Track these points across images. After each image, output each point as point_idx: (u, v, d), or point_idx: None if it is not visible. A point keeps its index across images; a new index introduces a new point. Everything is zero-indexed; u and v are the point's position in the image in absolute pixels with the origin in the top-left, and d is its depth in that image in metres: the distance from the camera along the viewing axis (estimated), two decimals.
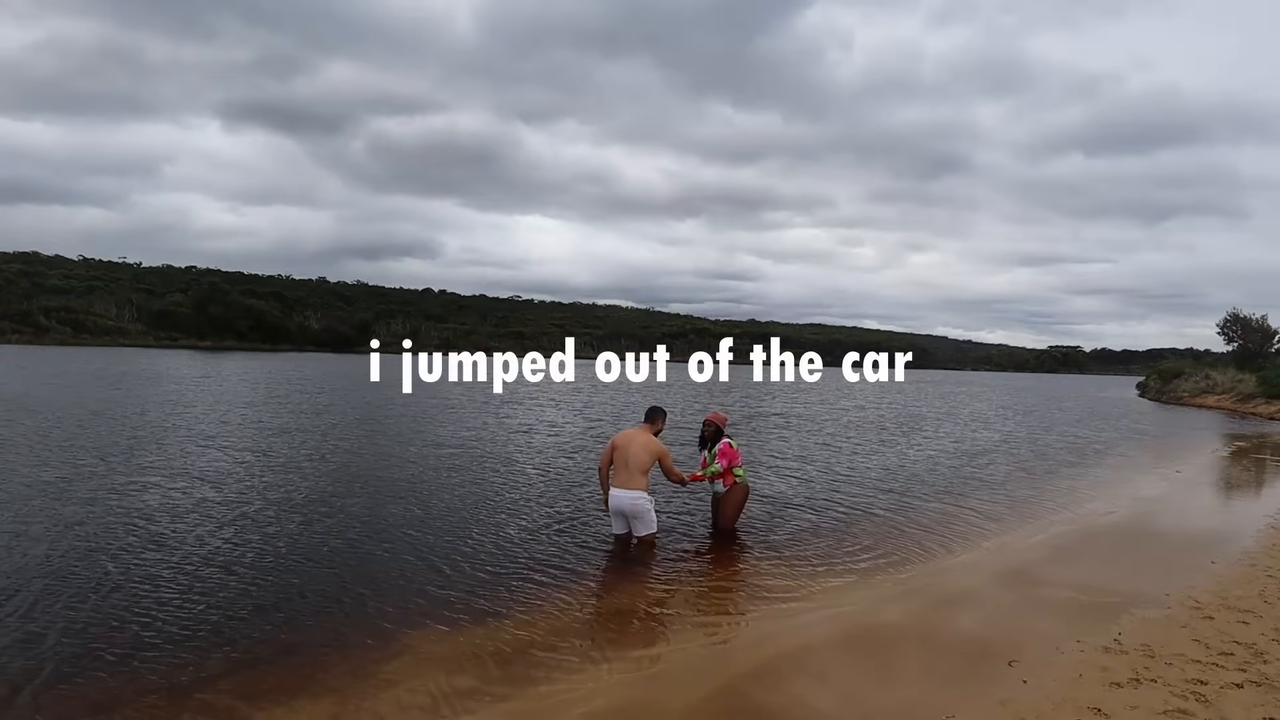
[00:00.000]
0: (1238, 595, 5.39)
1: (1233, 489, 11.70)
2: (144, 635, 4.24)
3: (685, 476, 6.71)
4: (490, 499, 8.12)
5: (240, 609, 4.70)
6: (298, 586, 5.16)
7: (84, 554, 5.63)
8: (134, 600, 4.76)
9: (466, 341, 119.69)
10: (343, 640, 4.30)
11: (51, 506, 7.03)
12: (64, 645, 4.08)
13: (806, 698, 3.74)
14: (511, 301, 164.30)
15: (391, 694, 3.65)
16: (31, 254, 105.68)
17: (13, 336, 73.06)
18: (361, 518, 7.08)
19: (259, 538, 6.26)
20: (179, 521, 6.66)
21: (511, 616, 4.72)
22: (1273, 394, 30.62)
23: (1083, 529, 7.81)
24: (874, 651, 4.38)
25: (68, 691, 3.59)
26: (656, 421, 6.48)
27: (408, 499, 7.96)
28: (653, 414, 6.55)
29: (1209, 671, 3.96)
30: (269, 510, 7.21)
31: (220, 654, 4.05)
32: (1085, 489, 10.39)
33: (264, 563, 5.61)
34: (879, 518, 7.92)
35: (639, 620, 4.81)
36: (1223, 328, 44.13)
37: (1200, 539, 7.52)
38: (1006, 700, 3.62)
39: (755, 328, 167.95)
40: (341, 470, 9.59)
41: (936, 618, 4.95)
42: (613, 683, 3.85)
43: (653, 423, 6.47)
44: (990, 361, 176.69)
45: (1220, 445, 17.57)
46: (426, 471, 9.69)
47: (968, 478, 10.95)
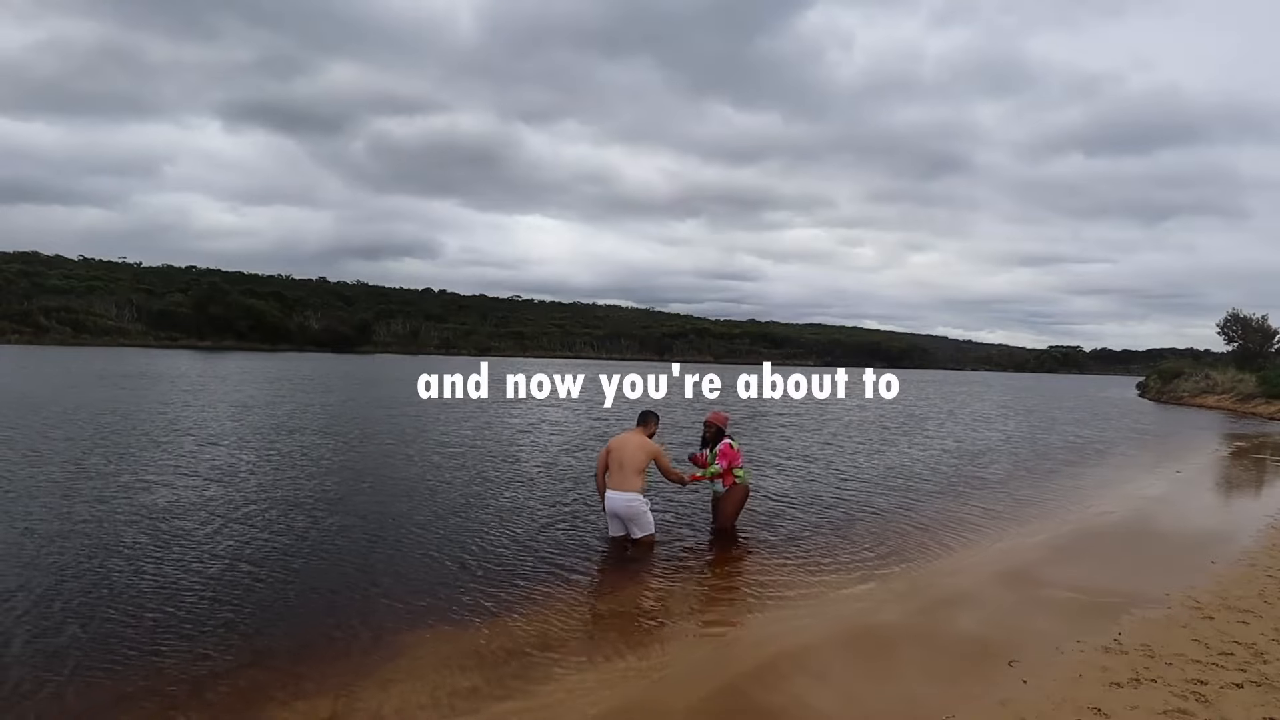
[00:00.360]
0: (1238, 595, 5.39)
1: (1233, 489, 11.70)
2: (145, 634, 4.24)
3: (685, 475, 6.75)
4: (491, 498, 8.12)
5: (240, 608, 4.69)
6: (298, 586, 5.16)
7: (85, 552, 5.63)
8: (135, 599, 4.76)
9: (467, 342, 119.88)
10: (343, 639, 4.30)
11: (60, 504, 7.03)
12: (65, 644, 4.08)
13: (807, 698, 3.74)
14: (511, 301, 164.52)
15: (391, 693, 3.65)
16: (31, 254, 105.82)
17: (13, 336, 73.12)
18: (362, 518, 7.08)
19: (260, 537, 6.26)
20: (182, 520, 6.66)
21: (512, 616, 4.72)
22: (1273, 394, 30.61)
23: (1083, 529, 7.81)
24: (874, 651, 4.38)
25: (68, 691, 3.59)
26: (649, 424, 6.60)
27: (409, 499, 7.97)
28: (645, 417, 6.66)
29: (1209, 671, 3.96)
30: (270, 510, 7.21)
31: (220, 652, 4.05)
32: (1085, 489, 10.39)
33: (264, 562, 5.61)
34: (879, 517, 7.92)
35: (639, 620, 4.81)
36: (1223, 328, 44.13)
37: (1200, 539, 7.52)
38: (1006, 700, 3.62)
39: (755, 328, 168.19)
40: (343, 469, 9.59)
41: (936, 618, 4.95)
42: (613, 682, 3.85)
43: (645, 425, 6.57)
44: (990, 361, 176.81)
45: (1220, 445, 17.57)
46: (428, 471, 9.69)
47: (968, 477, 10.95)
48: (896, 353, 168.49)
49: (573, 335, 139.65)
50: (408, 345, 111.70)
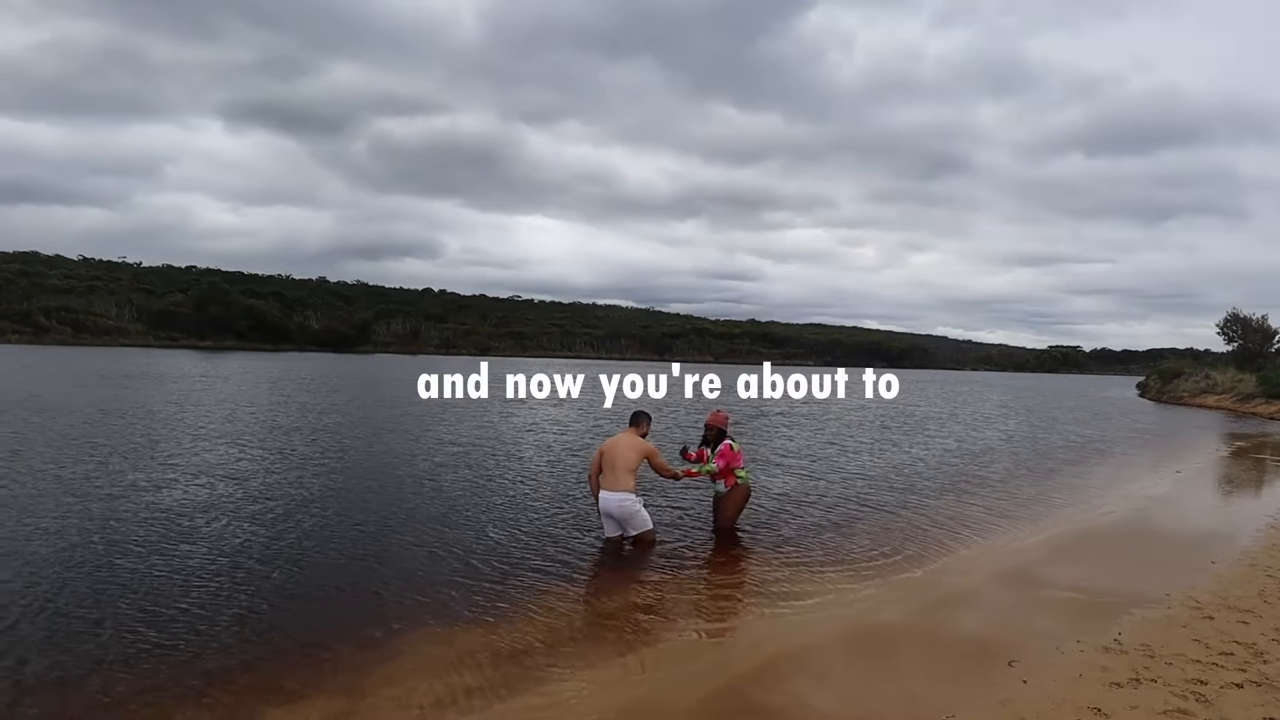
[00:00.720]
0: (1238, 595, 5.40)
1: (1233, 489, 11.70)
2: (145, 632, 4.24)
3: (679, 471, 6.79)
4: (492, 498, 8.12)
5: (241, 607, 4.70)
6: (298, 586, 5.17)
7: (87, 551, 5.63)
8: (136, 597, 4.76)
9: (467, 341, 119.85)
10: (343, 639, 4.29)
11: (67, 503, 7.03)
12: (65, 644, 4.08)
13: (807, 697, 3.74)
14: (511, 301, 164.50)
15: (392, 693, 3.66)
16: (31, 254, 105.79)
17: (12, 336, 73.15)
18: (363, 517, 7.09)
19: (263, 536, 6.26)
20: (185, 519, 6.66)
21: (512, 616, 4.72)
22: (1273, 394, 30.62)
23: (1083, 528, 7.82)
24: (874, 651, 4.38)
25: (67, 690, 3.59)
26: (641, 425, 6.63)
27: (411, 499, 7.97)
28: (637, 418, 6.70)
29: (1209, 671, 3.96)
30: (272, 509, 7.21)
31: (221, 652, 4.05)
32: (1086, 488, 10.39)
33: (265, 562, 5.61)
34: (879, 516, 7.93)
35: (639, 620, 4.81)
36: (1223, 328, 44.11)
37: (1200, 539, 7.52)
38: (1006, 700, 3.62)
39: (755, 328, 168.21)
40: (345, 469, 9.59)
41: (937, 618, 4.96)
42: (613, 682, 3.85)
43: (638, 426, 6.60)
44: (990, 361, 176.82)
45: (1220, 445, 17.58)
46: (430, 471, 9.69)
47: (968, 477, 10.96)
48: (896, 353, 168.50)
49: (572, 335, 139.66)
50: (407, 345, 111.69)
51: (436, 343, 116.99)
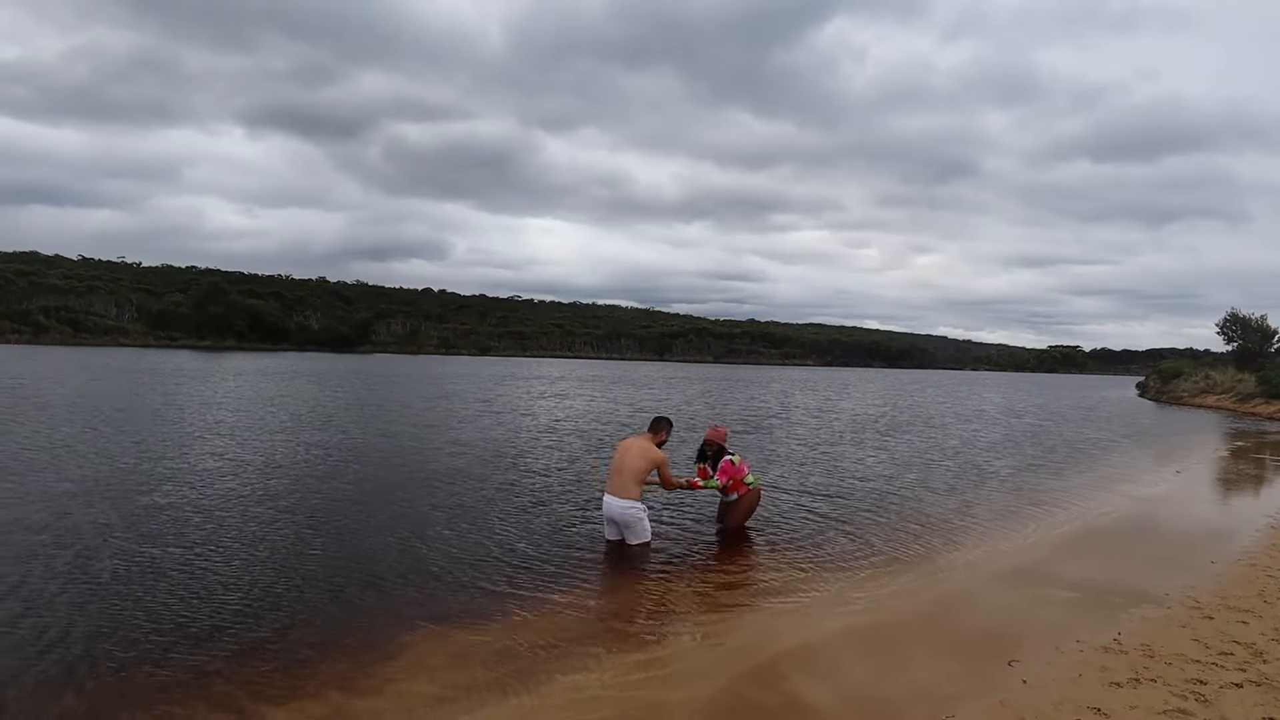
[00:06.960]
0: (1237, 595, 5.40)
1: (1232, 488, 11.70)
2: (146, 632, 4.24)
3: (684, 482, 6.71)
4: (494, 498, 8.11)
5: (241, 606, 4.70)
6: (299, 585, 5.16)
7: (90, 550, 5.63)
8: (138, 595, 4.77)
9: (466, 341, 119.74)
10: (344, 639, 4.30)
11: (70, 502, 7.04)
12: (65, 642, 4.08)
13: (807, 696, 3.74)
14: (511, 301, 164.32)
15: (392, 693, 3.66)
16: (30, 254, 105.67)
17: (12, 336, 73.09)
18: (365, 517, 7.09)
19: (265, 535, 6.26)
20: (186, 519, 6.66)
21: (513, 616, 4.72)
22: (1272, 394, 30.61)
23: (1083, 528, 7.82)
24: (874, 651, 4.38)
25: (68, 689, 3.59)
26: (660, 432, 6.44)
27: (412, 499, 7.97)
28: (657, 424, 6.49)
29: (1209, 671, 3.97)
30: (274, 508, 7.21)
31: (221, 651, 4.05)
32: (1085, 488, 10.39)
33: (267, 561, 5.62)
34: (879, 516, 7.92)
35: (642, 620, 4.81)
36: (1222, 328, 44.04)
37: (1200, 538, 7.52)
38: (1006, 700, 3.62)
39: (755, 327, 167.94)
40: (345, 469, 9.58)
41: (937, 617, 4.96)
42: (615, 682, 3.86)
43: (656, 433, 6.43)
44: (990, 361, 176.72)
45: (1220, 445, 17.58)
46: (433, 470, 9.68)
47: (969, 476, 10.95)
48: (896, 352, 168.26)
49: (572, 335, 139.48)
50: (407, 345, 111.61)
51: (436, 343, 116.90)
